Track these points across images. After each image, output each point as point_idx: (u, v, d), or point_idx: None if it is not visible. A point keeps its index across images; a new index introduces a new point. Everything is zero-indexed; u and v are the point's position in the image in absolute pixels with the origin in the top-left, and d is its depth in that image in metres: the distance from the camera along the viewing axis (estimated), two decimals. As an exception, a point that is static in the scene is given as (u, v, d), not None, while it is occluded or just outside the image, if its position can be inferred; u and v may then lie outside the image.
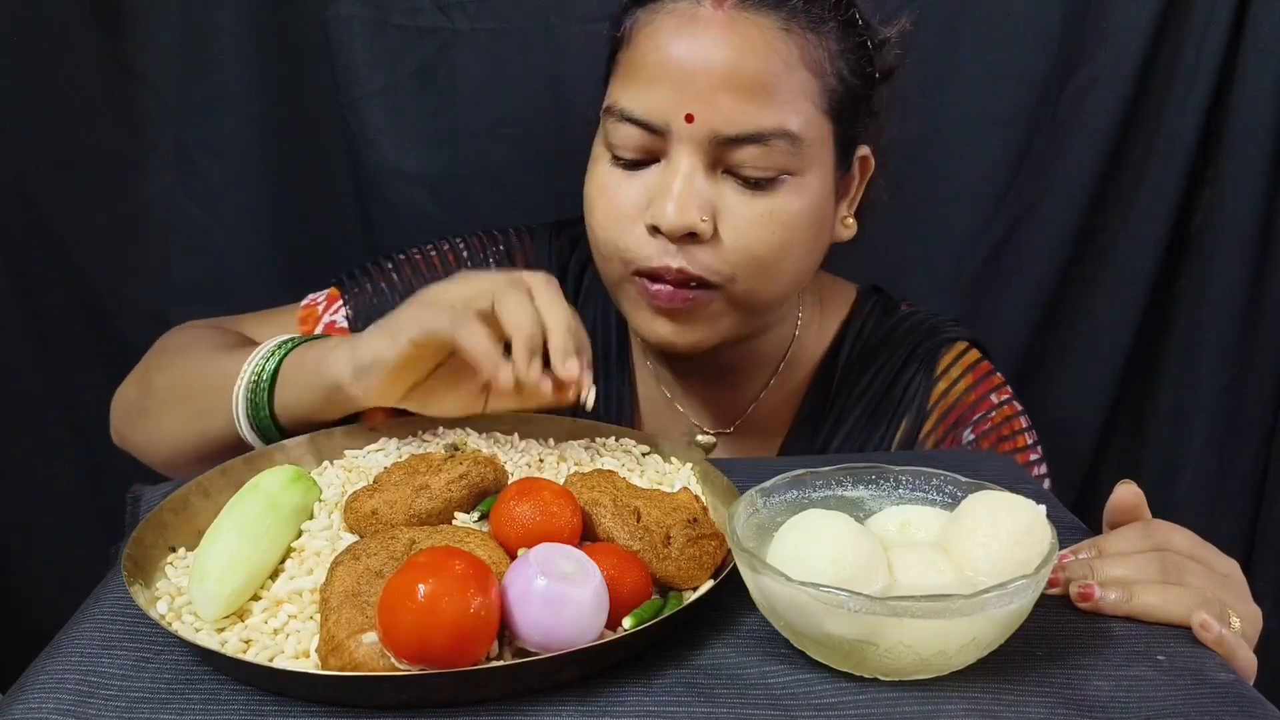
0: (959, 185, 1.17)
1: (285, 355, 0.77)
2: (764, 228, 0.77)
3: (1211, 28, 1.08)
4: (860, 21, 0.81)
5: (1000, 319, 1.20)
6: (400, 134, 1.14)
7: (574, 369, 0.66)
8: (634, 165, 0.80)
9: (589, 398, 0.68)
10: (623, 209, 0.79)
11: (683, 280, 0.78)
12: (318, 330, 0.93)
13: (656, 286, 0.79)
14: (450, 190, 1.17)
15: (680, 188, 0.76)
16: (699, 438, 0.93)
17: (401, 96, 1.13)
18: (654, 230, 0.78)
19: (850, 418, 0.92)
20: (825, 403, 0.93)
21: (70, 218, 1.15)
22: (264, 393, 0.76)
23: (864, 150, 0.86)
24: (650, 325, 0.82)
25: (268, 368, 0.77)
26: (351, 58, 1.12)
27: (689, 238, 0.77)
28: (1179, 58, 1.11)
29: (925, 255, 1.19)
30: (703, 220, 0.76)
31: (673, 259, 0.77)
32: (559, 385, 0.67)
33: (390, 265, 0.96)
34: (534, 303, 0.67)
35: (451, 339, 0.66)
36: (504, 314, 0.66)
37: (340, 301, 0.94)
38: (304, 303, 0.95)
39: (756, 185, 0.77)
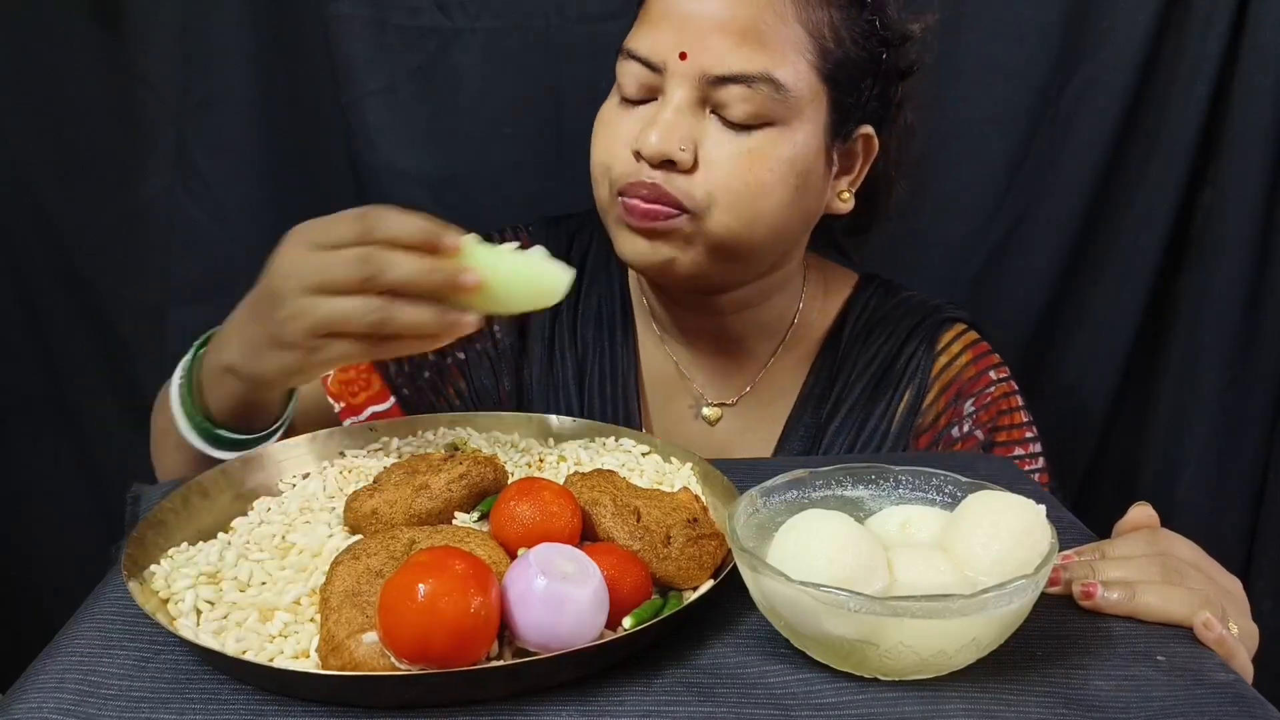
0: (959, 185, 1.17)
1: (198, 356, 0.77)
2: (742, 163, 0.81)
3: (1211, 28, 1.08)
4: (869, 1, 0.84)
5: (1000, 319, 1.20)
6: (400, 134, 1.14)
7: (470, 280, 0.67)
8: (635, 103, 0.84)
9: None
10: (617, 136, 0.84)
11: (656, 197, 0.81)
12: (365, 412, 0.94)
13: (632, 201, 0.82)
14: (450, 190, 1.17)
15: (666, 118, 0.80)
16: (704, 410, 0.94)
17: (401, 96, 1.13)
18: (637, 155, 0.81)
19: (855, 390, 0.94)
20: (831, 375, 0.95)
21: (70, 218, 1.15)
22: (191, 400, 0.76)
23: (867, 129, 0.87)
24: (625, 242, 0.85)
25: (186, 378, 0.77)
26: (351, 57, 1.12)
27: (668, 165, 0.81)
28: (1179, 58, 1.11)
29: (926, 255, 1.19)
30: (681, 149, 0.80)
31: (649, 177, 0.81)
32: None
33: None
34: (398, 286, 0.66)
35: (374, 358, 0.70)
36: (398, 328, 0.67)
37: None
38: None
39: (740, 126, 0.81)
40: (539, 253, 0.71)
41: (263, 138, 1.14)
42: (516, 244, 0.71)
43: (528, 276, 0.70)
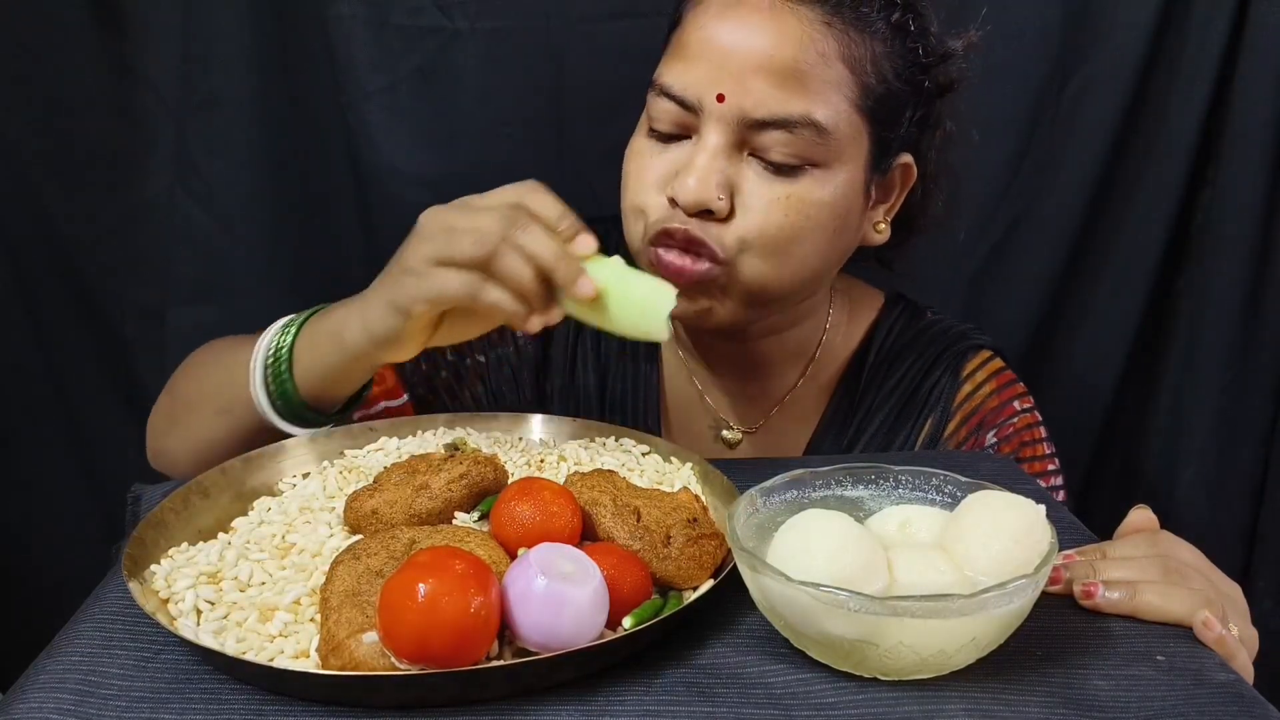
0: (958, 185, 1.17)
1: (300, 328, 0.77)
2: (779, 210, 0.78)
3: (1211, 27, 1.08)
4: (914, 29, 0.81)
5: (1000, 319, 1.20)
6: (400, 134, 1.14)
7: (587, 289, 0.68)
8: (668, 139, 0.81)
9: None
10: (650, 176, 0.81)
11: (688, 245, 0.78)
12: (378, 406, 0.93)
13: (668, 258, 0.79)
14: (450, 190, 1.15)
15: (703, 164, 0.77)
16: (724, 433, 0.94)
17: (401, 96, 1.13)
18: (673, 203, 0.79)
19: (876, 417, 0.93)
20: (853, 401, 0.93)
21: (70, 218, 1.15)
22: (284, 364, 0.76)
23: (906, 158, 0.85)
24: None
25: (285, 341, 0.76)
26: (351, 58, 1.12)
27: (705, 214, 0.78)
28: (1179, 58, 1.11)
29: (925, 255, 1.19)
30: (719, 198, 0.77)
31: (682, 223, 0.78)
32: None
33: None
34: (525, 249, 0.68)
35: (470, 301, 0.68)
36: (503, 276, 0.67)
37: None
38: None
39: (779, 170, 0.78)
40: (659, 291, 0.71)
41: (263, 138, 1.14)
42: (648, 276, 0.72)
43: (640, 308, 0.70)
